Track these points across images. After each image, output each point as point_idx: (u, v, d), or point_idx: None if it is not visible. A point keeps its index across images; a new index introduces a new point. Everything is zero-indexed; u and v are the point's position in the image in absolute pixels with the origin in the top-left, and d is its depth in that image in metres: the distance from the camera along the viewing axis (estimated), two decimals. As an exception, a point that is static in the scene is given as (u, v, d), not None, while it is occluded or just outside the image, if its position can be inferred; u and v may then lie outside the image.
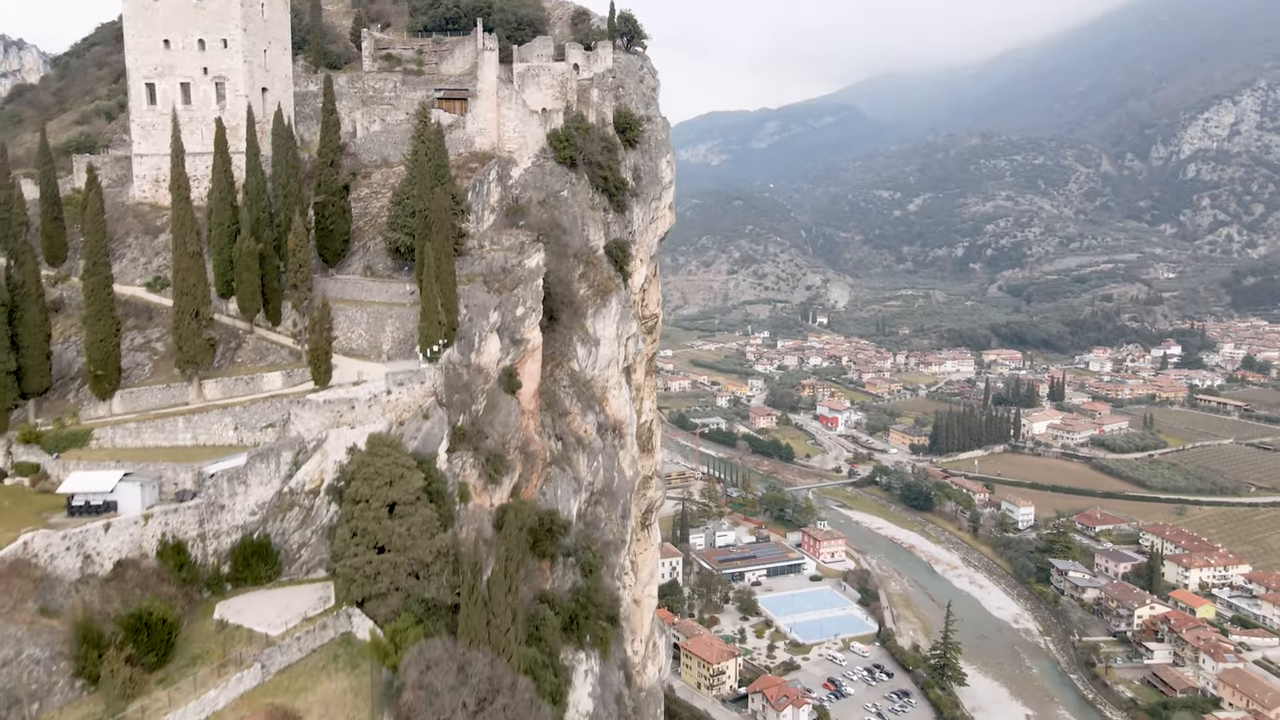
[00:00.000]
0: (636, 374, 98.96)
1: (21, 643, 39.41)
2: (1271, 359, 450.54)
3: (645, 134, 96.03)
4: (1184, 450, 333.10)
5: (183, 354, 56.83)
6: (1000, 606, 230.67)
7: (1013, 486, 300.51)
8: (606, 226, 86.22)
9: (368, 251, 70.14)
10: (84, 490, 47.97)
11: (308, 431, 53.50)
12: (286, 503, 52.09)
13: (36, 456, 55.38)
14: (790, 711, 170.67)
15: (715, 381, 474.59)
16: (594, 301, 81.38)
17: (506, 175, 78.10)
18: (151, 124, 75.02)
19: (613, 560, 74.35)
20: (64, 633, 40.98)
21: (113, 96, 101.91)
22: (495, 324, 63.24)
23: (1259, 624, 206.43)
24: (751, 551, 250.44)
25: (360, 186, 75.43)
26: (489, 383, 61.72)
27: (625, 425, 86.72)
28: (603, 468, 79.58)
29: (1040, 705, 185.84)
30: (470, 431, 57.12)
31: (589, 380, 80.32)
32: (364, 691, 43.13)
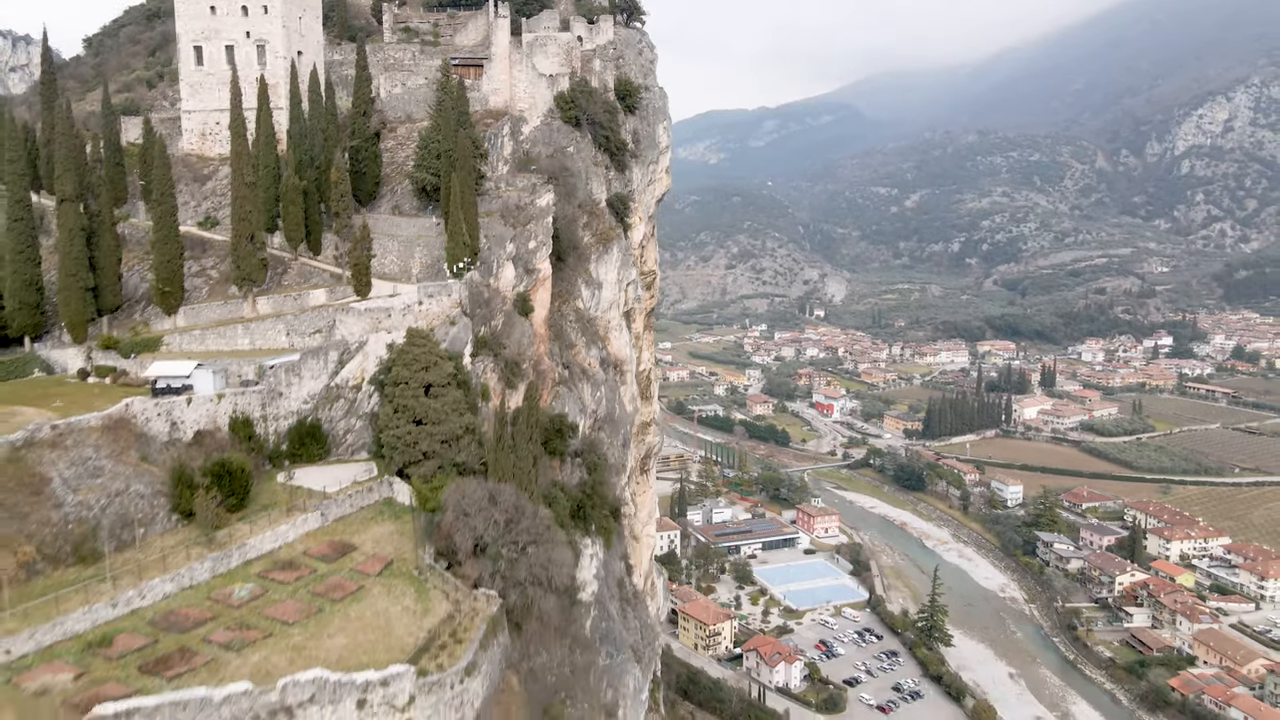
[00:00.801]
0: (636, 324, 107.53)
1: (129, 480, 48.07)
2: (1261, 349, 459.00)
3: (644, 102, 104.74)
4: (1171, 434, 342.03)
5: (240, 272, 65.49)
6: (987, 577, 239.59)
7: (1002, 468, 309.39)
8: (608, 182, 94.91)
9: (395, 194, 78.82)
10: (166, 375, 56.50)
11: (351, 336, 62.13)
12: (333, 394, 60.67)
13: (113, 360, 63.91)
14: (783, 667, 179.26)
15: (713, 372, 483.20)
16: (597, 248, 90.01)
17: (518, 131, 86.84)
18: (199, 83, 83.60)
19: (614, 481, 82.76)
20: (161, 476, 49.66)
21: (150, 68, 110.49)
22: (511, 254, 71.89)
23: (1236, 591, 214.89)
24: (747, 527, 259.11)
25: (386, 139, 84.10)
26: (506, 305, 70.34)
27: (625, 364, 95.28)
28: (605, 398, 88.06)
29: (1023, 665, 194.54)
30: (490, 340, 65.74)
31: (592, 319, 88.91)
32: (407, 532, 51.74)
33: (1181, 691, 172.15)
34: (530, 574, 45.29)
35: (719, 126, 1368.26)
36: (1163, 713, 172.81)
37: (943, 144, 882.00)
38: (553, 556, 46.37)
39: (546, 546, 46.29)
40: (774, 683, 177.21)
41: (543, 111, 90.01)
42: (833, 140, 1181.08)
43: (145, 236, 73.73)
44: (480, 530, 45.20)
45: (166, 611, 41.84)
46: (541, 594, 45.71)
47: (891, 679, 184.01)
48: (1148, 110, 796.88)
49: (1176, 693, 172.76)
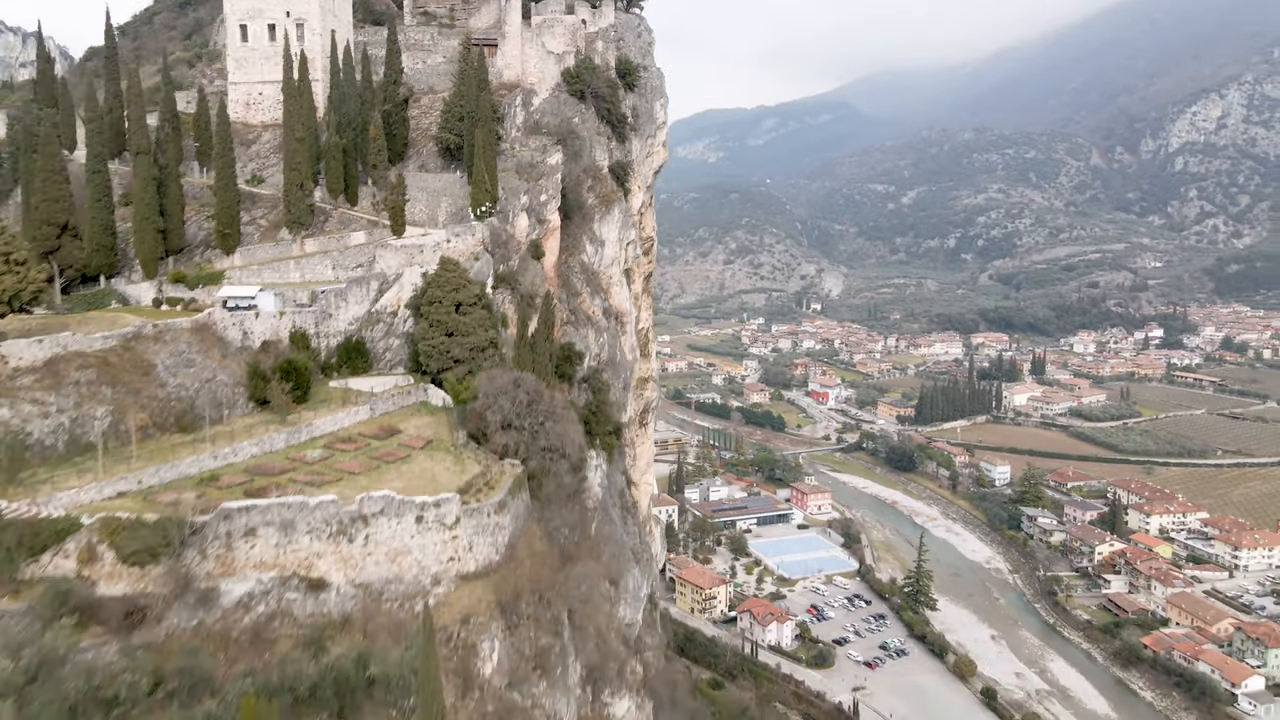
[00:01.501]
0: (635, 284, 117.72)
1: (215, 371, 58.34)
2: (1250, 340, 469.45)
3: (642, 80, 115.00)
4: (1157, 419, 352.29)
5: (290, 216, 75.70)
6: (974, 550, 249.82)
7: (991, 450, 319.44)
8: (610, 151, 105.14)
9: (420, 154, 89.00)
10: (235, 295, 66.61)
11: (388, 269, 72.33)
12: (374, 318, 70.87)
13: (181, 293, 74.00)
14: (775, 627, 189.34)
15: (711, 363, 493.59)
16: (600, 209, 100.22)
17: (529, 102, 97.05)
18: (244, 58, 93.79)
19: (615, 406, 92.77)
20: (239, 371, 59.94)
21: (189, 50, 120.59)
22: (525, 205, 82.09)
23: (1211, 560, 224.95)
24: (743, 503, 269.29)
25: (411, 108, 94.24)
26: (521, 249, 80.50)
27: (625, 316, 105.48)
28: (607, 345, 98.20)
29: (1004, 628, 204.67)
30: (508, 276, 75.89)
31: (596, 272, 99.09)
32: (442, 424, 61.96)
33: (1153, 649, 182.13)
34: (548, 444, 55.49)
35: (718, 125, 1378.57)
36: (1135, 669, 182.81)
37: (939, 141, 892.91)
38: (566, 431, 56.59)
39: (561, 422, 56.47)
40: (766, 641, 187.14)
41: (551, 85, 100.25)
42: (831, 139, 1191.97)
43: (200, 192, 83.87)
44: (506, 409, 55.35)
45: (255, 464, 52.05)
46: (557, 460, 55.89)
47: (878, 639, 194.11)
48: (1142, 108, 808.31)
49: (1148, 650, 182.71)
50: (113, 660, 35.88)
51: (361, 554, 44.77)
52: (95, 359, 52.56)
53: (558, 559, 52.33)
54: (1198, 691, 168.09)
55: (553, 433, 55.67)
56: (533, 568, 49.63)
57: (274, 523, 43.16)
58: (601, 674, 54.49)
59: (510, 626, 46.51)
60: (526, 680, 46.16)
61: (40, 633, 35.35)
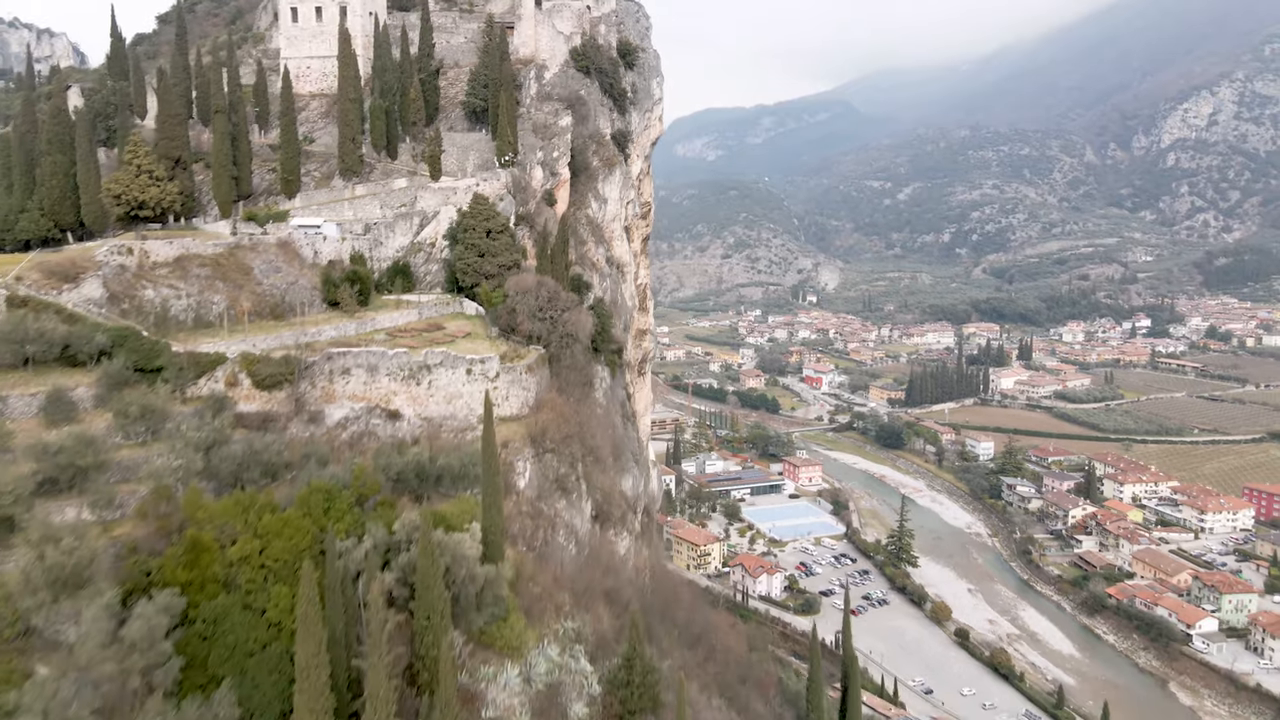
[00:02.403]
0: (634, 243, 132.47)
1: (296, 277, 73.22)
2: (1235, 330, 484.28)
3: (640, 60, 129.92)
4: (1139, 401, 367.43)
5: (344, 165, 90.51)
6: (956, 517, 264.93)
7: (977, 429, 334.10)
8: (612, 121, 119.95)
9: (449, 118, 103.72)
10: (304, 224, 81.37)
11: (427, 207, 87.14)
12: (416, 248, 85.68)
13: (253, 229, 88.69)
14: (765, 579, 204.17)
15: (709, 352, 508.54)
16: (604, 170, 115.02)
17: (541, 76, 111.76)
18: (294, 36, 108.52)
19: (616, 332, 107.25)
20: (314, 279, 74.72)
21: (234, 34, 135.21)
22: (540, 159, 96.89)
23: (1178, 523, 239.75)
24: (737, 475, 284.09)
25: (439, 79, 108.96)
26: (536, 195, 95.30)
27: (626, 266, 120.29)
28: (610, 288, 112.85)
29: (981, 583, 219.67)
30: (527, 216, 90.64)
31: (600, 225, 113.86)
32: (477, 324, 76.72)
33: (1117, 598, 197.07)
34: (564, 331, 70.23)
35: (717, 124, 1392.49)
36: (1099, 616, 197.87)
37: (935, 139, 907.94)
38: (579, 320, 71.33)
39: (574, 313, 71.16)
40: (757, 592, 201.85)
41: (560, 62, 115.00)
42: (829, 137, 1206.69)
43: (260, 150, 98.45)
44: (531, 303, 70.08)
45: (335, 341, 66.78)
46: (572, 343, 70.62)
47: (862, 590, 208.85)
48: (1135, 105, 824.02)
49: (1113, 599, 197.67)
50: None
51: (426, 395, 59.60)
52: (209, 260, 67.37)
53: (573, 416, 66.94)
54: (1155, 633, 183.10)
55: (568, 322, 70.36)
56: (553, 418, 64.24)
57: (363, 365, 57.98)
58: (607, 516, 69.14)
59: (538, 455, 61.23)
60: (550, 496, 60.87)
61: (209, 422, 50.13)
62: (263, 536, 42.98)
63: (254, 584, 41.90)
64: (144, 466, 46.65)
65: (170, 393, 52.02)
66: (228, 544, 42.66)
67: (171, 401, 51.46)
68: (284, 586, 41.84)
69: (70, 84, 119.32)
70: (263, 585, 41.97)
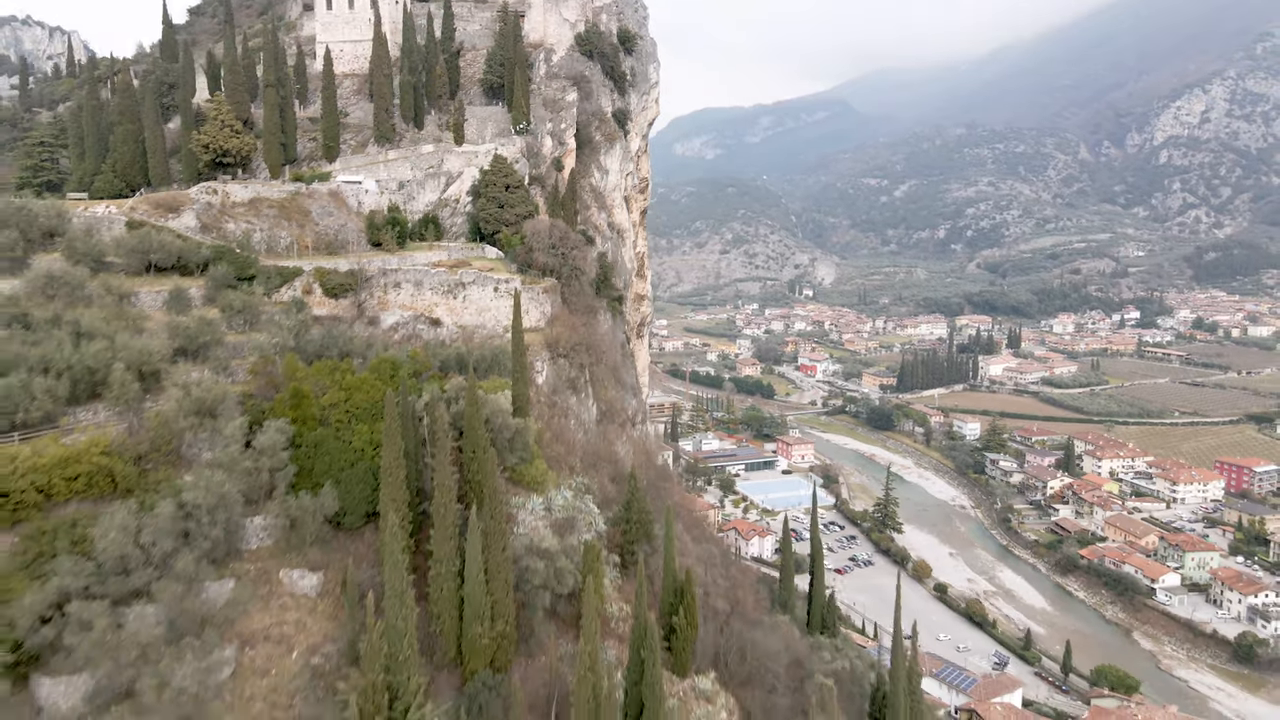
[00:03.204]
0: (633, 214, 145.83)
1: (345, 220, 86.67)
2: (1221, 321, 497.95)
3: (638, 46, 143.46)
4: (1123, 386, 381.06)
5: (378, 131, 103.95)
6: (941, 491, 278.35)
7: (965, 412, 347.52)
8: (613, 100, 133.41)
9: (468, 94, 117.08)
10: (348, 180, 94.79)
11: (452, 169, 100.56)
12: (443, 203, 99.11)
13: (299, 187, 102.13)
14: (757, 541, 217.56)
15: (706, 343, 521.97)
16: (605, 144, 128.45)
17: (549, 59, 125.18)
18: (329, 22, 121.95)
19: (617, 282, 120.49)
20: (359, 223, 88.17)
21: (266, 23, 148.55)
22: (549, 129, 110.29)
23: (1151, 495, 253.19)
24: (733, 452, 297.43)
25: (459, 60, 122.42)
26: (546, 161, 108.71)
27: (625, 232, 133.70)
28: (611, 250, 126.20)
29: (962, 548, 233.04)
30: (538, 177, 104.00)
31: (602, 193, 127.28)
32: (498, 261, 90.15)
33: (1088, 558, 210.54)
34: (573, 265, 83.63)
35: (716, 123, 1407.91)
36: (1072, 575, 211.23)
37: (931, 136, 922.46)
38: (586, 256, 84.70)
39: (581, 250, 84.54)
40: (749, 554, 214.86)
41: (566, 46, 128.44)
42: (827, 136, 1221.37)
43: (300, 123, 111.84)
44: (545, 241, 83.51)
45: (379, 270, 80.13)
46: (580, 275, 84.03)
47: (849, 553, 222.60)
48: (1129, 103, 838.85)
49: (1084, 559, 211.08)
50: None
51: (461, 307, 72.98)
52: (276, 203, 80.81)
53: (582, 329, 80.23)
54: (1122, 588, 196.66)
55: (576, 258, 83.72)
56: (565, 331, 77.52)
57: (410, 281, 71.37)
58: (610, 418, 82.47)
59: (553, 359, 74.56)
60: (564, 392, 74.22)
61: (294, 316, 63.52)
62: (346, 390, 56.33)
63: (341, 422, 55.29)
64: (248, 345, 60.08)
65: (261, 295, 65.42)
66: (320, 395, 56.02)
67: (262, 302, 64.87)
68: (364, 425, 55.21)
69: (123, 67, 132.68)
70: (348, 423, 55.35)
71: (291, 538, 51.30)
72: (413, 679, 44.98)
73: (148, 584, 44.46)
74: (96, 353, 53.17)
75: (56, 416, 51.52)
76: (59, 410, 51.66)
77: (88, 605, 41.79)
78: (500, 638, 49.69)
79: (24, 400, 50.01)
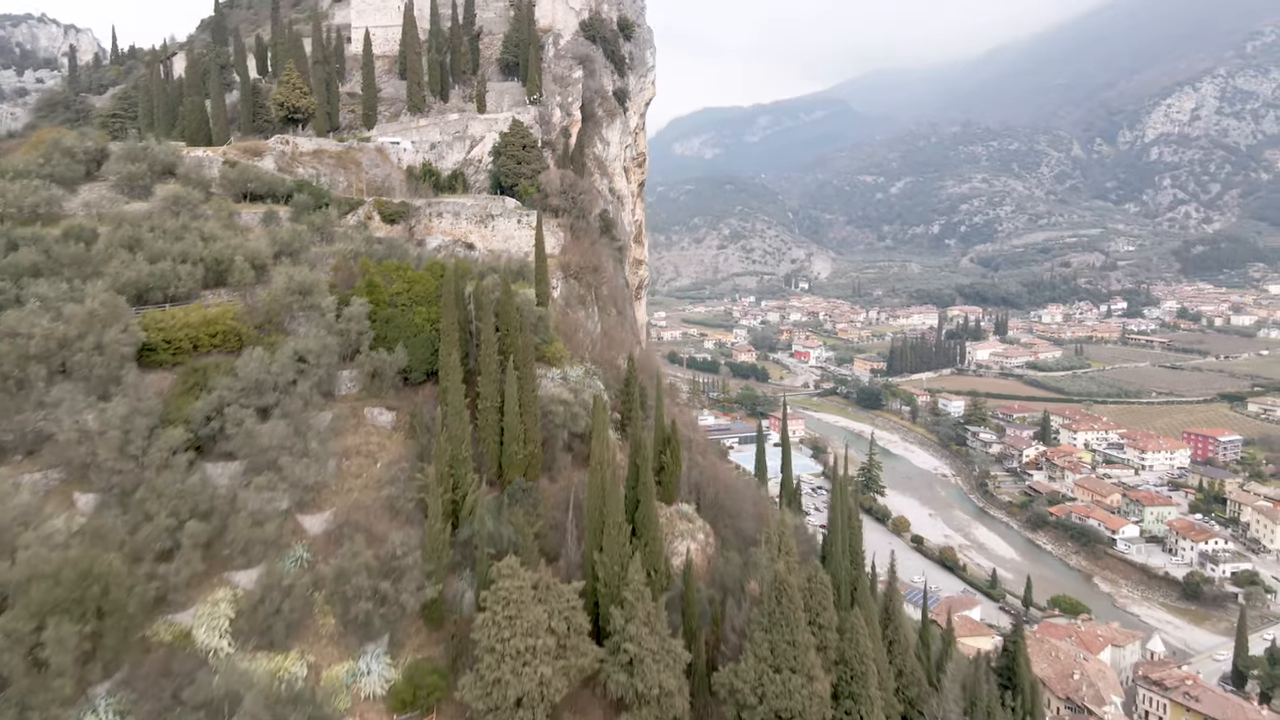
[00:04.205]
0: (631, 184, 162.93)
1: (389, 172, 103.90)
2: (1206, 311, 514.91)
3: (636, 33, 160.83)
4: (1104, 369, 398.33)
5: (411, 101, 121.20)
6: (925, 462, 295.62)
7: (951, 393, 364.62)
8: (613, 81, 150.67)
9: (486, 72, 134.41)
10: (389, 140, 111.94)
11: (476, 133, 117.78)
12: (468, 163, 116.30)
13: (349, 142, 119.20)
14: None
15: (703, 333, 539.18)
16: (607, 120, 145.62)
17: (557, 42, 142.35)
18: (362, 10, 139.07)
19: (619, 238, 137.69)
20: (400, 174, 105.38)
21: (301, 11, 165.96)
22: (558, 102, 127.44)
23: (1121, 462, 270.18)
24: (727, 427, 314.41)
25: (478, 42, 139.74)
26: (556, 129, 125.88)
27: (625, 199, 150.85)
28: (612, 211, 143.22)
29: (941, 509, 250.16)
30: (549, 141, 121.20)
31: (604, 162, 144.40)
32: (518, 208, 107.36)
33: (1056, 514, 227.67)
34: (581, 207, 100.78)
35: (714, 123, 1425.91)
36: (1041, 530, 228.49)
37: (927, 135, 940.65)
38: (593, 200, 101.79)
39: (589, 195, 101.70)
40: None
41: (571, 32, 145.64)
42: (825, 136, 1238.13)
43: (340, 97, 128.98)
44: (557, 186, 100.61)
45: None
46: (587, 215, 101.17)
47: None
48: (1121, 101, 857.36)
49: (1053, 516, 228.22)
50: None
51: (491, 234, 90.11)
52: (334, 155, 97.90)
53: (590, 255, 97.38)
54: (1086, 540, 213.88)
55: (584, 202, 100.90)
56: (575, 257, 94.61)
57: (450, 211, 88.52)
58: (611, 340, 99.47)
59: (565, 279, 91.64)
60: (575, 306, 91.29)
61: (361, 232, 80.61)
62: (408, 283, 73.41)
63: (405, 305, 72.34)
64: (328, 253, 77.26)
65: (334, 218, 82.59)
66: (388, 285, 73.11)
67: (335, 223, 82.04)
68: (423, 308, 72.23)
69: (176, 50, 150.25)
70: (410, 306, 72.40)
71: (372, 386, 68.58)
72: (469, 474, 62.33)
73: (277, 402, 61.64)
74: (220, 249, 70.50)
75: (195, 294, 68.87)
76: (196, 290, 69.02)
77: (238, 410, 59.00)
78: (530, 456, 66.86)
79: (173, 280, 67.33)
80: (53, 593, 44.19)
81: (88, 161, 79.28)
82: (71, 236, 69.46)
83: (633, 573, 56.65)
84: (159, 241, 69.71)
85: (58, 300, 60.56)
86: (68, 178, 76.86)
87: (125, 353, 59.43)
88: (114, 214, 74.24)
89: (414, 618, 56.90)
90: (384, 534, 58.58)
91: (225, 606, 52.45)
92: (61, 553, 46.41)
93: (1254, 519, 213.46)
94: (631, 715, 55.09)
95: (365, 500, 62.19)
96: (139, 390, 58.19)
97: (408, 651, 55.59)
